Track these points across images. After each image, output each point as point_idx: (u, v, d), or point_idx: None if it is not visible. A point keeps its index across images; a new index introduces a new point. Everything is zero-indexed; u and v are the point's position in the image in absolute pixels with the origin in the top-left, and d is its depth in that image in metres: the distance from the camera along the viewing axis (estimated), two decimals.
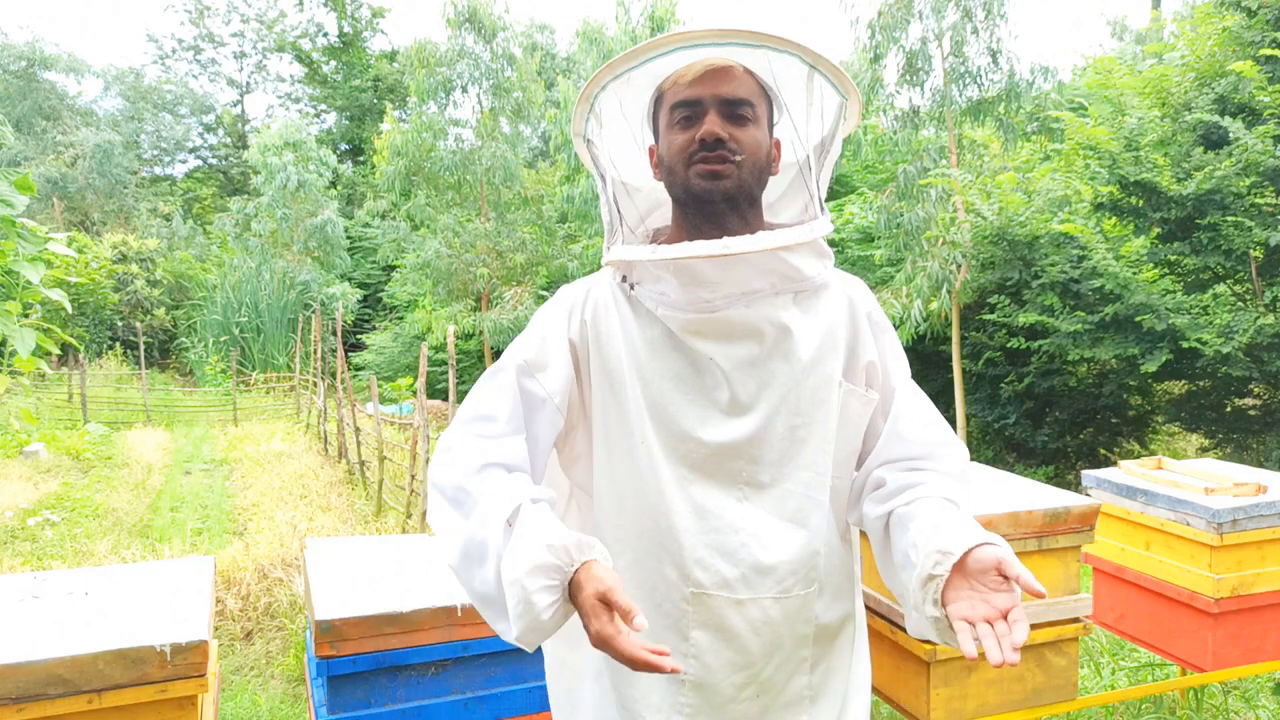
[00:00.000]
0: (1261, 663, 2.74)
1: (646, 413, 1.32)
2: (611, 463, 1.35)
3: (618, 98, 1.35)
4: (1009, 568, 1.10)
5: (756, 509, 1.32)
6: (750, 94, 1.28)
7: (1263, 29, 7.98)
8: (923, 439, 1.38)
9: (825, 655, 1.39)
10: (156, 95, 36.41)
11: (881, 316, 1.42)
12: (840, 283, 1.40)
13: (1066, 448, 9.35)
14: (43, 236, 3.51)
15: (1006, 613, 1.09)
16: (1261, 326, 7.29)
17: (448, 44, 16.45)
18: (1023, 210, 8.80)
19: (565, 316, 1.37)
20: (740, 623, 1.30)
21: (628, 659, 1.03)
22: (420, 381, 7.41)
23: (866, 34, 9.65)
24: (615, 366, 1.33)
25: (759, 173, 1.30)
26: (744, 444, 1.30)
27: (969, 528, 1.20)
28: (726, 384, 1.30)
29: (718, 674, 1.32)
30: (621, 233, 1.35)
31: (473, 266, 16.24)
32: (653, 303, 1.32)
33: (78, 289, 19.83)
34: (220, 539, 7.26)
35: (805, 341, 1.31)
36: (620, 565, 1.35)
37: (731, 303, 1.28)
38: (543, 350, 1.36)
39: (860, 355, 1.37)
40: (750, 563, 1.30)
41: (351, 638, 1.94)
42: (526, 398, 1.33)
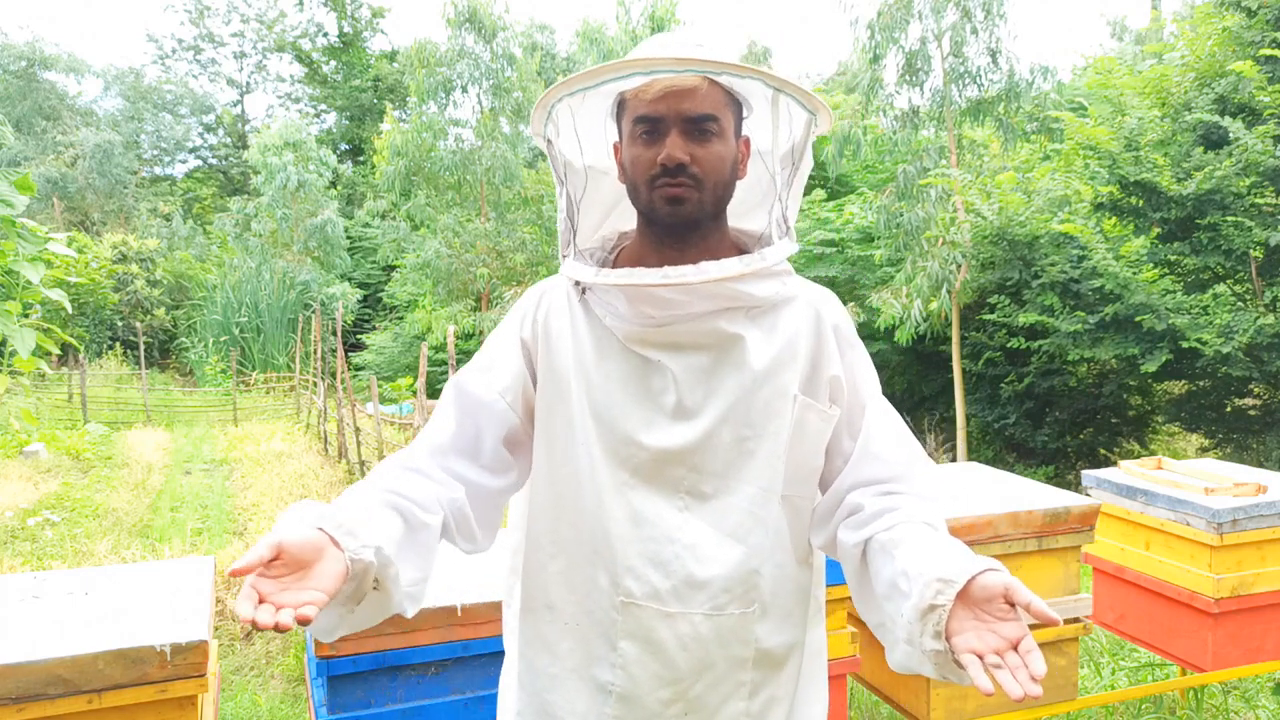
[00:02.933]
0: (1261, 663, 2.74)
1: (590, 414, 1.30)
2: (552, 464, 1.33)
3: (573, 107, 1.32)
4: (1018, 595, 1.03)
5: (697, 520, 1.28)
6: (714, 107, 1.25)
7: (1263, 29, 7.98)
8: (894, 458, 1.32)
9: (768, 682, 1.33)
10: (156, 95, 36.42)
11: (850, 330, 1.37)
12: (808, 295, 1.36)
13: (1066, 448, 9.35)
14: (43, 236, 3.51)
15: (1017, 643, 1.02)
16: (1261, 326, 7.29)
17: (448, 44, 16.46)
18: (1023, 210, 8.80)
19: (519, 318, 1.38)
20: (669, 636, 1.27)
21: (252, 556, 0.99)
22: (420, 381, 7.41)
23: (866, 34, 9.65)
24: (561, 367, 1.32)
25: (722, 188, 1.28)
26: (687, 451, 1.27)
27: (965, 554, 1.14)
28: (674, 388, 1.28)
29: (643, 687, 1.28)
30: (574, 245, 1.34)
31: (473, 266, 16.25)
32: (601, 311, 1.31)
33: (78, 289, 19.83)
34: (220, 539, 7.26)
35: (758, 352, 1.28)
36: (554, 569, 1.33)
37: (678, 319, 1.26)
38: (495, 352, 1.38)
39: (823, 369, 1.32)
40: (683, 575, 1.26)
41: (351, 637, 1.94)
42: (467, 403, 1.34)
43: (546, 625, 1.35)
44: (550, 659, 1.35)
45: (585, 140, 1.37)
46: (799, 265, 11.30)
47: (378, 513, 1.17)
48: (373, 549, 1.10)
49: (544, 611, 1.35)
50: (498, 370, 1.36)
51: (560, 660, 1.33)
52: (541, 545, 1.35)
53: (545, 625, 1.35)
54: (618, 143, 1.34)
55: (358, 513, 1.14)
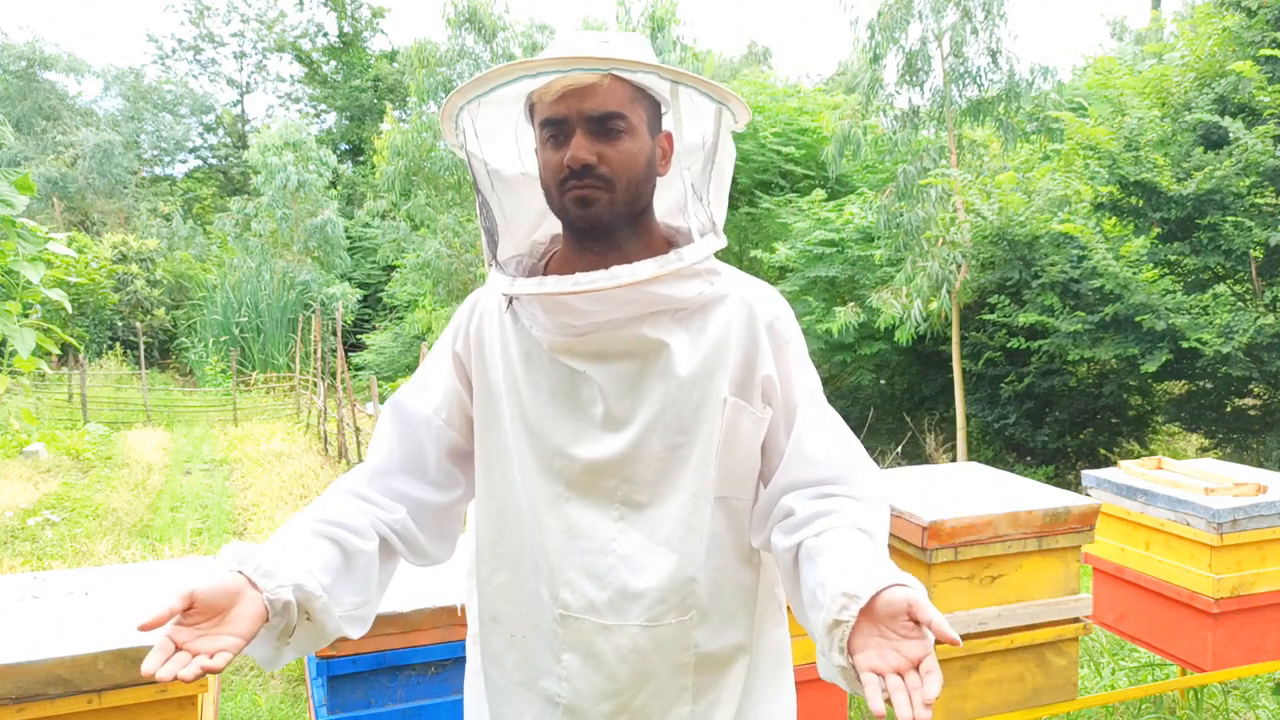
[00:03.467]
0: (1261, 663, 2.74)
1: (521, 427, 1.28)
2: (490, 478, 1.33)
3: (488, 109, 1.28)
4: (921, 612, 1.01)
5: (632, 530, 1.26)
6: (619, 104, 1.20)
7: (1263, 29, 7.98)
8: (830, 460, 1.28)
9: (712, 686, 1.31)
10: (156, 95, 36.41)
11: (786, 327, 1.32)
12: (742, 291, 1.30)
13: (1066, 448, 9.35)
14: (43, 236, 3.51)
15: (918, 662, 1.00)
16: (1261, 326, 7.29)
17: (448, 44, 16.46)
18: (1023, 210, 8.80)
19: (453, 332, 1.38)
20: (608, 649, 1.25)
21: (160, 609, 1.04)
22: None
23: (866, 34, 9.65)
24: (494, 380, 1.31)
25: (637, 186, 1.23)
26: (617, 462, 1.25)
27: (879, 567, 1.11)
28: (602, 399, 1.25)
29: (587, 700, 1.27)
30: (495, 257, 1.31)
31: (473, 266, 16.24)
32: (527, 321, 1.29)
33: (78, 289, 19.82)
34: (220, 539, 7.26)
35: (684, 357, 1.24)
36: (496, 581, 1.33)
37: (599, 327, 1.23)
38: (431, 369, 1.38)
39: (756, 370, 1.28)
40: (618, 587, 1.25)
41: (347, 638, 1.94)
42: (405, 421, 1.36)
43: (494, 637, 1.35)
44: (499, 670, 1.35)
45: (503, 145, 1.34)
46: (802, 265, 11.30)
47: (309, 545, 1.20)
48: (290, 587, 1.12)
49: (490, 624, 1.35)
50: (433, 387, 1.36)
51: (508, 673, 1.33)
52: (485, 559, 1.35)
53: (493, 637, 1.35)
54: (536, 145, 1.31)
55: (283, 550, 1.16)
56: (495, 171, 1.34)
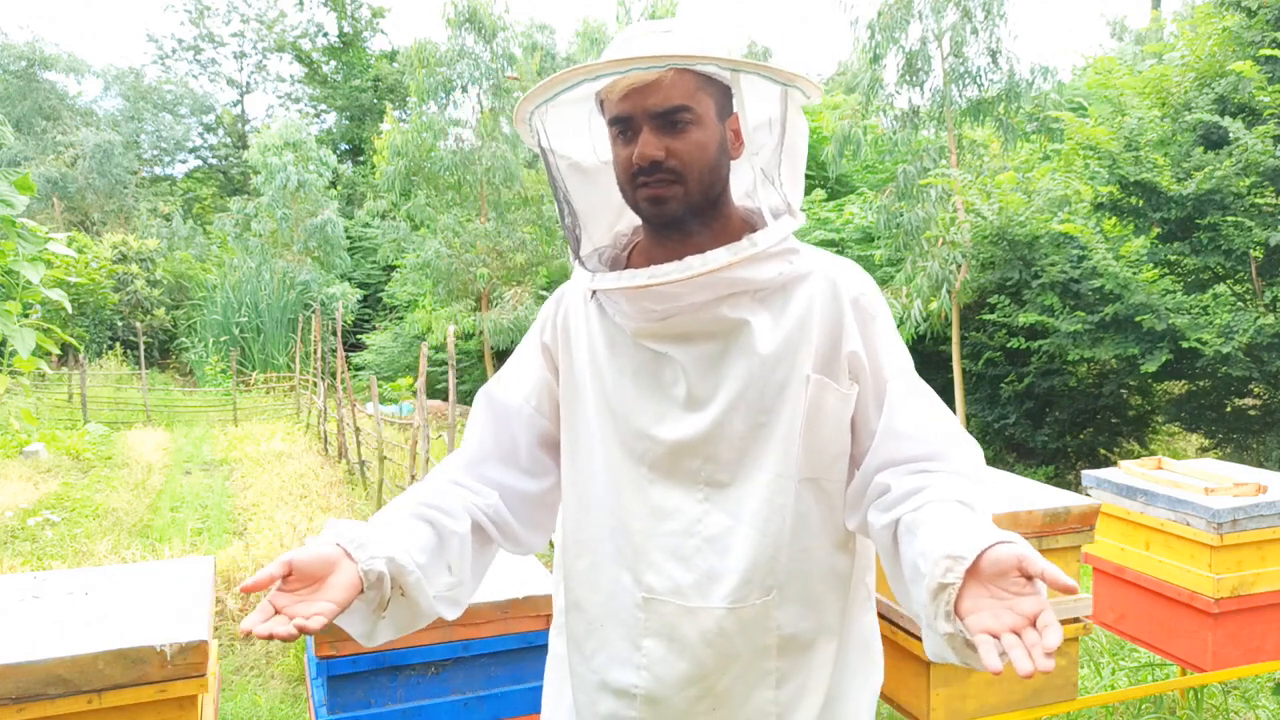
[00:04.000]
0: (1261, 663, 2.74)
1: (605, 411, 1.30)
2: (575, 464, 1.35)
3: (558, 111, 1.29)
4: (1031, 565, 0.97)
5: (717, 510, 1.26)
6: (685, 96, 1.20)
7: (1263, 29, 7.98)
8: (924, 435, 1.26)
9: (796, 671, 1.29)
10: (156, 95, 36.40)
11: (872, 302, 1.31)
12: (825, 268, 1.30)
13: (1066, 448, 9.34)
14: (43, 236, 3.51)
15: (1034, 618, 0.95)
16: (1261, 326, 7.29)
17: (448, 44, 16.45)
18: (1023, 210, 8.80)
19: (541, 323, 1.42)
20: (692, 632, 1.25)
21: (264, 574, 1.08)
22: (420, 381, 7.40)
23: (866, 34, 9.65)
24: (579, 366, 1.34)
25: (709, 174, 1.24)
26: (700, 441, 1.25)
27: (983, 528, 1.07)
28: (684, 378, 1.26)
29: (670, 687, 1.26)
30: (580, 252, 1.34)
31: (473, 266, 16.24)
32: (611, 310, 1.32)
33: (78, 289, 19.82)
34: (220, 539, 7.26)
35: (765, 335, 1.25)
36: (579, 568, 1.35)
37: (680, 311, 1.25)
38: (520, 359, 1.43)
39: (841, 346, 1.26)
40: (704, 568, 1.25)
41: (351, 637, 1.94)
42: (498, 411, 1.40)
43: (576, 624, 1.37)
44: (580, 658, 1.37)
45: (580, 139, 1.35)
46: None
47: (404, 524, 1.24)
48: (383, 559, 1.16)
49: (574, 611, 1.37)
50: (523, 377, 1.40)
51: (586, 660, 1.35)
52: (569, 545, 1.37)
53: (575, 624, 1.37)
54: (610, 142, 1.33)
55: (379, 527, 1.21)
56: (575, 165, 1.36)
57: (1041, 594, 0.99)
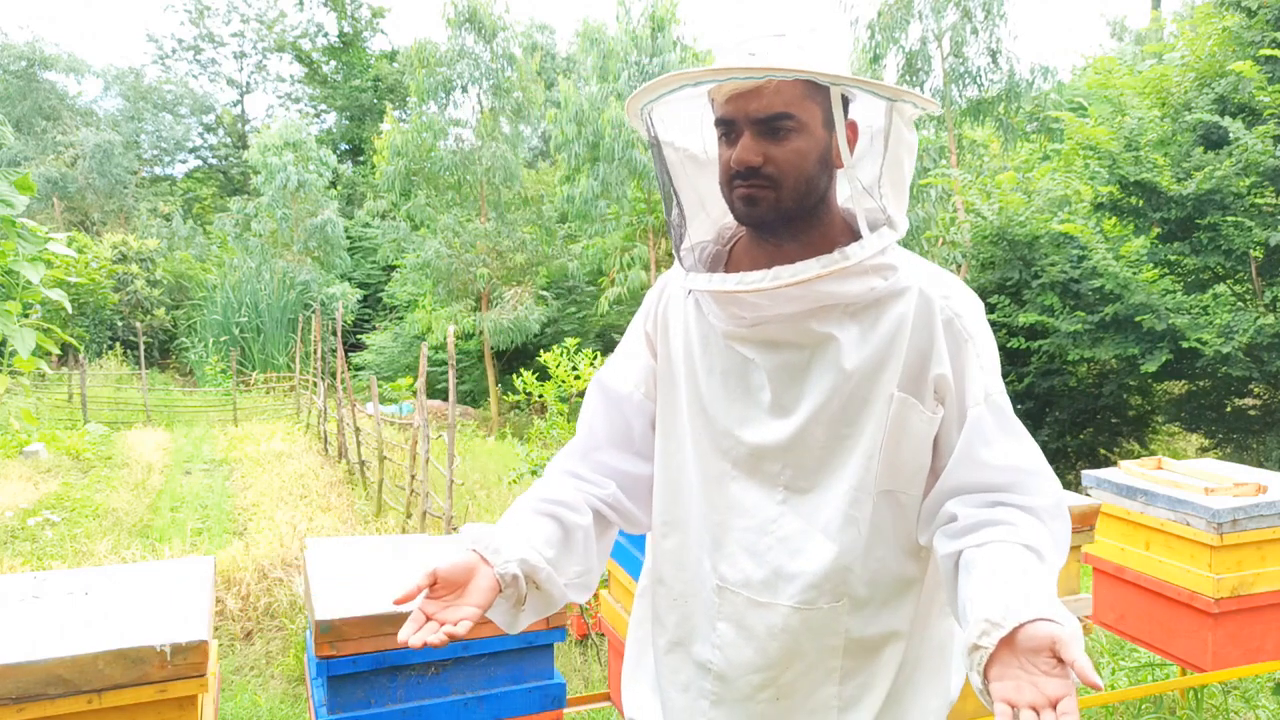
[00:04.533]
0: (1261, 663, 2.74)
1: (697, 405, 1.35)
2: (666, 450, 1.40)
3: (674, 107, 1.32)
4: (1065, 650, 0.97)
5: (792, 514, 1.30)
6: (788, 103, 1.21)
7: (1263, 29, 7.98)
8: (1002, 465, 1.25)
9: (861, 669, 1.33)
10: (156, 95, 36.41)
11: (970, 324, 1.28)
12: (925, 285, 1.28)
13: (1066, 448, 9.35)
14: (43, 236, 3.51)
15: (1056, 701, 0.97)
16: (1261, 326, 7.29)
17: (448, 44, 16.46)
18: (1023, 210, 8.81)
19: (645, 312, 1.47)
20: (759, 625, 1.31)
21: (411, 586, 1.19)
22: (420, 381, 7.40)
23: (866, 34, 9.67)
24: (675, 359, 1.39)
25: (806, 183, 1.24)
26: (781, 448, 1.29)
27: (1032, 593, 1.07)
28: (769, 386, 1.29)
29: (737, 669, 1.33)
30: (679, 247, 1.36)
31: (473, 266, 16.25)
32: (705, 309, 1.35)
33: (78, 289, 19.83)
34: (220, 539, 7.26)
35: (851, 351, 1.25)
36: (666, 546, 1.41)
37: (768, 320, 1.27)
38: (626, 347, 1.48)
39: (929, 367, 1.26)
40: (774, 566, 1.29)
41: (351, 638, 1.94)
42: (609, 398, 1.45)
43: (660, 598, 1.44)
44: (660, 629, 1.44)
45: (690, 133, 1.37)
46: None
47: (532, 523, 1.33)
48: (516, 561, 1.26)
49: (658, 585, 1.44)
50: (630, 364, 1.45)
51: (667, 633, 1.42)
52: (658, 524, 1.43)
53: (659, 598, 1.44)
54: None
55: (507, 530, 1.30)
56: (686, 157, 1.38)
57: (1070, 680, 0.99)
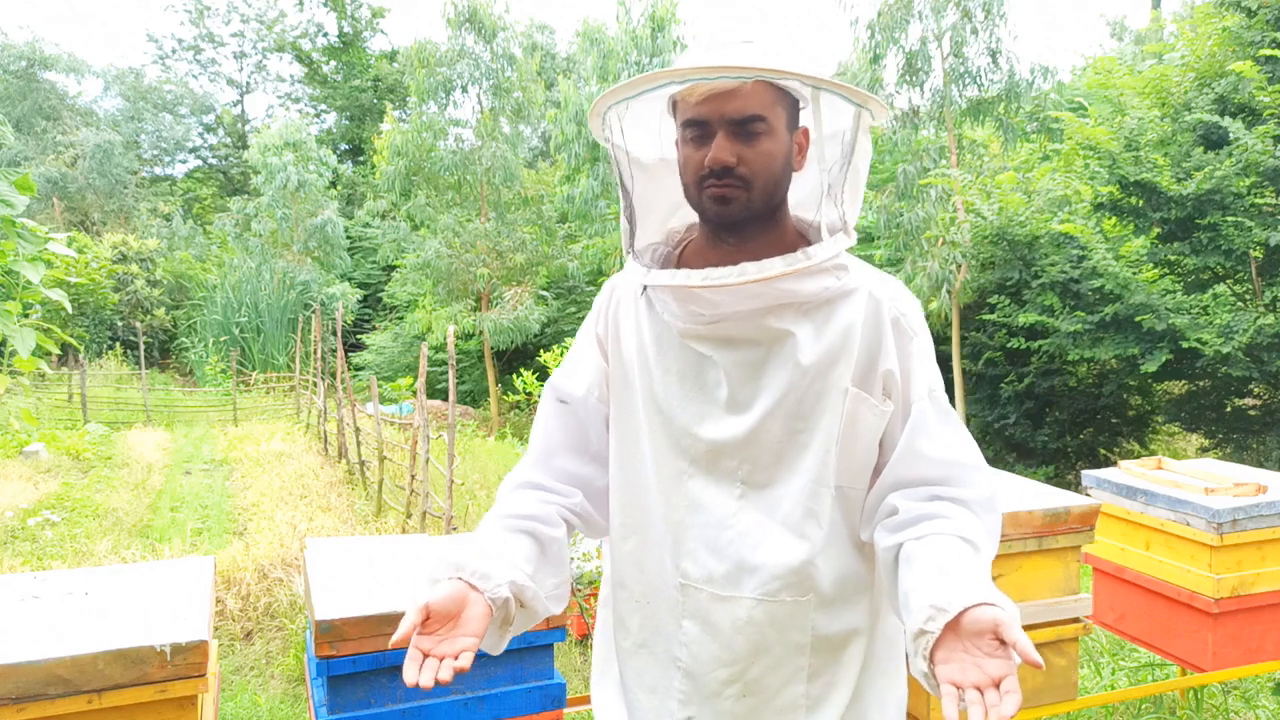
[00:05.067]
0: (1261, 663, 2.74)
1: (651, 405, 1.36)
2: (622, 451, 1.41)
3: (630, 108, 1.34)
4: (1007, 632, 1.04)
5: (751, 508, 1.32)
6: (760, 106, 1.25)
7: (1263, 29, 7.98)
8: (941, 459, 1.30)
9: (827, 667, 1.35)
10: (156, 95, 36.39)
11: (912, 323, 1.35)
12: (872, 285, 1.34)
13: (1066, 448, 9.35)
14: (43, 236, 3.51)
15: (999, 681, 1.03)
16: (1261, 326, 7.29)
17: (448, 44, 16.46)
18: (1023, 210, 8.81)
19: (594, 315, 1.48)
20: (724, 619, 1.32)
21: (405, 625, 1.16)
22: (420, 381, 7.40)
23: (866, 34, 9.66)
24: (627, 360, 1.39)
25: (773, 186, 1.29)
26: (738, 443, 1.31)
27: (972, 581, 1.13)
28: (726, 383, 1.32)
29: (704, 665, 1.34)
30: (632, 248, 1.38)
31: (473, 266, 16.24)
32: (660, 307, 1.36)
33: (78, 289, 19.82)
34: (220, 539, 7.26)
35: (808, 346, 1.29)
36: (625, 549, 1.42)
37: (727, 317, 1.29)
38: (577, 351, 1.49)
39: (879, 363, 1.31)
40: (736, 560, 1.31)
41: (351, 638, 1.94)
42: (564, 404, 1.46)
43: (622, 603, 1.44)
44: (624, 633, 1.44)
45: (646, 136, 1.40)
46: None
47: (509, 542, 1.33)
48: (506, 584, 1.26)
49: (619, 589, 1.45)
50: (582, 368, 1.46)
51: (632, 635, 1.43)
52: (616, 526, 1.44)
53: (621, 603, 1.45)
54: (678, 139, 1.36)
55: (489, 553, 1.29)
56: (636, 160, 1.40)
57: (1012, 660, 1.05)
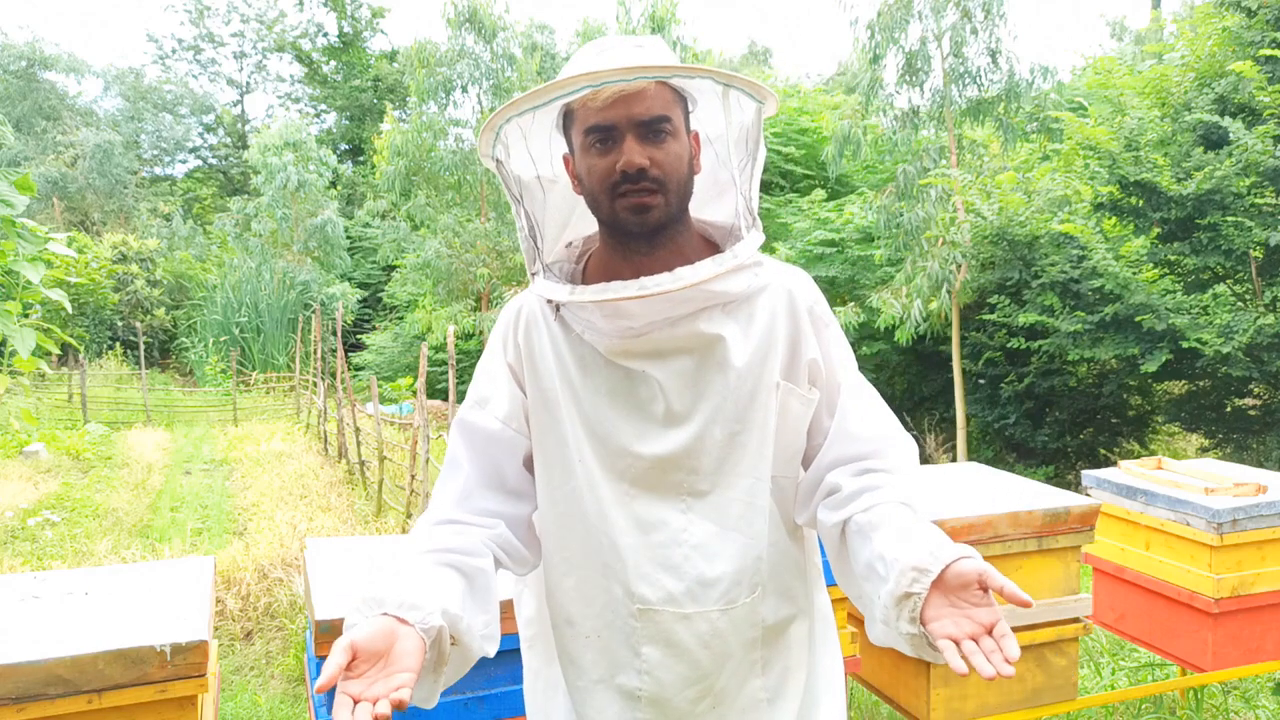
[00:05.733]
0: (1261, 663, 2.74)
1: (582, 431, 1.31)
2: (551, 483, 1.34)
3: (523, 126, 1.30)
4: (992, 580, 1.07)
5: (699, 519, 1.30)
6: (665, 107, 1.24)
7: (1263, 29, 7.98)
8: (869, 434, 1.34)
9: (778, 655, 1.37)
10: (156, 95, 36.37)
11: (824, 310, 1.38)
12: (781, 278, 1.36)
13: (1066, 448, 9.35)
14: (43, 236, 3.51)
15: (991, 627, 1.06)
16: (1261, 326, 7.29)
17: (448, 44, 16.46)
18: (1023, 210, 8.81)
19: (501, 342, 1.39)
20: (689, 637, 1.29)
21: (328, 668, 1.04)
22: (420, 381, 7.40)
23: (866, 34, 9.66)
24: (548, 386, 1.33)
25: (683, 187, 1.28)
26: (682, 455, 1.29)
27: (938, 539, 1.17)
28: (662, 396, 1.29)
29: (671, 689, 1.31)
30: (540, 262, 1.33)
31: (473, 266, 16.24)
32: (579, 327, 1.31)
33: (78, 289, 19.82)
34: (220, 539, 7.26)
35: (738, 348, 1.29)
36: (567, 585, 1.36)
37: (656, 326, 1.27)
38: (488, 383, 1.39)
39: (802, 353, 1.33)
40: (694, 576, 1.29)
41: None
42: (477, 439, 1.36)
43: (569, 640, 1.38)
44: (577, 672, 1.37)
45: (537, 155, 1.35)
46: (802, 265, 11.30)
47: (433, 575, 1.21)
48: (438, 612, 1.14)
49: (565, 627, 1.38)
50: (495, 400, 1.37)
51: (585, 673, 1.36)
52: (554, 564, 1.37)
53: (568, 640, 1.38)
54: (567, 154, 1.33)
55: (414, 584, 1.17)
56: (529, 181, 1.36)
57: (996, 606, 1.09)
